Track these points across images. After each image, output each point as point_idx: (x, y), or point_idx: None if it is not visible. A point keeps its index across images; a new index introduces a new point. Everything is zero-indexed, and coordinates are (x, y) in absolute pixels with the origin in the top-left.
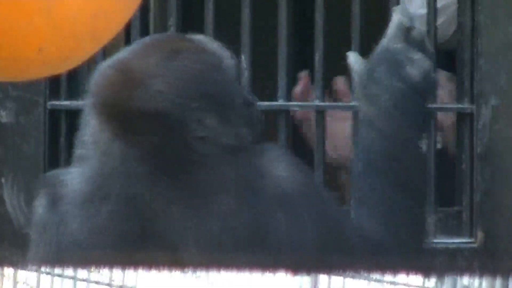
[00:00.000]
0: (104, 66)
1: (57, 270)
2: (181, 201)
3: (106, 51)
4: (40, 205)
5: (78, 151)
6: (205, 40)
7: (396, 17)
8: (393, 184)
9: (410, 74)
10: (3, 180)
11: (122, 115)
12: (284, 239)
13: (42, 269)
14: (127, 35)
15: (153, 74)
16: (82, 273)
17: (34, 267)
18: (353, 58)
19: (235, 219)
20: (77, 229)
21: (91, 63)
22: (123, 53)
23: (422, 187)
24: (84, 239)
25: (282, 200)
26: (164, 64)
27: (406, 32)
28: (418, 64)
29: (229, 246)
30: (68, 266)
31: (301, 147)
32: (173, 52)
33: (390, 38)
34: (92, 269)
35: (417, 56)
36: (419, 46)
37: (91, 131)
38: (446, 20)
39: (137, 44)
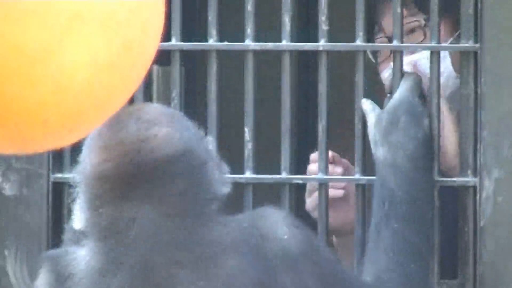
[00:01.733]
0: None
1: None
2: (191, 264)
3: None
4: (44, 283)
5: (75, 231)
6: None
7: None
8: (414, 230)
9: (427, 126)
10: (6, 252)
11: (136, 175)
12: None
13: None
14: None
15: (146, 129)
16: None
17: None
18: (368, 105)
19: (239, 280)
20: None
21: None
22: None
23: (434, 242)
24: None
25: (286, 262)
26: (151, 121)
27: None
28: (428, 119)
29: None
30: None
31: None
32: (144, 113)
33: (407, 90)
34: None
35: (427, 112)
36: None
37: (89, 207)
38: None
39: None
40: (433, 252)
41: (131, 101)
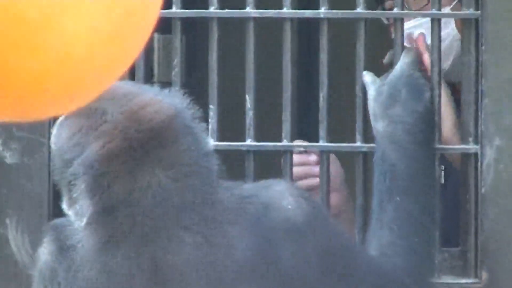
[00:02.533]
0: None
1: None
2: (195, 228)
3: None
4: (47, 252)
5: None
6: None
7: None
8: (417, 203)
9: (428, 100)
10: (7, 220)
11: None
12: (289, 271)
13: None
14: (131, 76)
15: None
16: None
17: None
18: (369, 78)
19: (239, 249)
20: (94, 276)
21: None
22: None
23: (436, 213)
24: (102, 285)
25: (289, 233)
26: (129, 95)
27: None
28: (429, 93)
29: (234, 275)
30: None
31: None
32: (117, 90)
33: (407, 64)
34: None
35: (428, 85)
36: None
37: (95, 190)
38: (443, 51)
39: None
40: (436, 221)
41: (132, 69)
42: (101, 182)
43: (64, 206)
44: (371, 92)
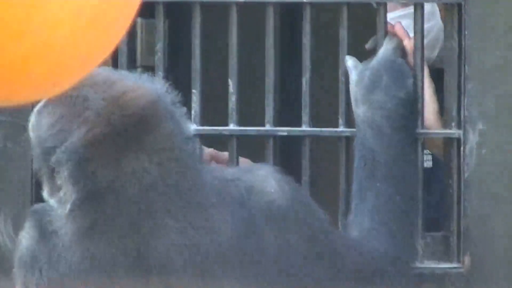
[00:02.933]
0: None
1: None
2: (179, 212)
3: None
4: (27, 237)
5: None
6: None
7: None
8: (397, 190)
9: (410, 86)
10: None
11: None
12: (272, 254)
13: None
14: (114, 61)
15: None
16: None
17: None
18: (351, 63)
19: (222, 233)
20: (77, 261)
21: None
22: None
23: (418, 199)
24: (85, 270)
25: (272, 215)
26: (107, 82)
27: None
28: (413, 80)
29: (217, 259)
30: None
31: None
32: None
33: (390, 50)
34: None
35: (411, 72)
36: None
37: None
38: (429, 43)
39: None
40: (417, 206)
41: (115, 53)
42: (86, 168)
43: (45, 195)
44: (353, 77)
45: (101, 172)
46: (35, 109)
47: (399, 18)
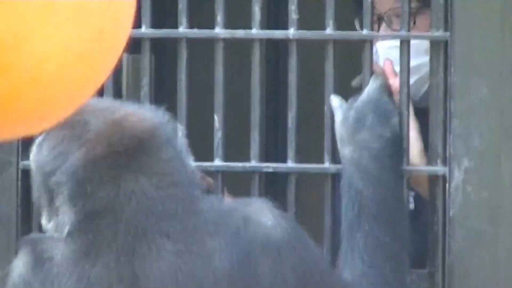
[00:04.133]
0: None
1: None
2: (177, 236)
3: None
4: (21, 265)
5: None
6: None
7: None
8: (386, 230)
9: (396, 125)
10: None
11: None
12: (266, 286)
13: None
14: (100, 95)
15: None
16: None
17: None
18: (336, 102)
19: (218, 261)
20: (72, 286)
21: None
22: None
23: (406, 240)
24: None
25: (267, 249)
26: (111, 109)
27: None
28: (398, 118)
29: (211, 286)
30: None
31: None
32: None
33: (376, 89)
34: None
35: (396, 110)
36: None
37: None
38: (420, 79)
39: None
40: (405, 245)
41: (101, 89)
42: (85, 188)
43: (43, 221)
44: (338, 117)
45: (100, 192)
46: (36, 141)
47: (389, 49)
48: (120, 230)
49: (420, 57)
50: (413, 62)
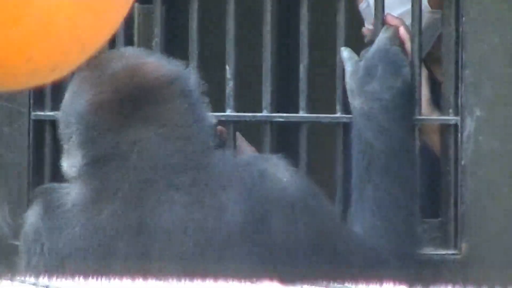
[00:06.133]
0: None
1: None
2: (187, 189)
3: None
4: (33, 214)
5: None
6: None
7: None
8: (396, 182)
9: (406, 75)
10: None
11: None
12: (278, 241)
13: (37, 279)
14: (111, 47)
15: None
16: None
17: (28, 277)
18: (346, 54)
19: (231, 213)
20: (78, 233)
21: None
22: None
23: (416, 189)
24: (85, 242)
25: (282, 205)
26: (132, 58)
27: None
28: (409, 67)
29: (222, 240)
30: (64, 275)
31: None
32: (123, 55)
33: (385, 40)
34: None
35: (407, 59)
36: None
37: (86, 140)
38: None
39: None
40: (416, 196)
41: (113, 39)
42: (91, 132)
43: (62, 163)
44: (348, 69)
45: (104, 138)
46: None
47: (401, 15)
48: (126, 179)
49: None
50: (403, 8)
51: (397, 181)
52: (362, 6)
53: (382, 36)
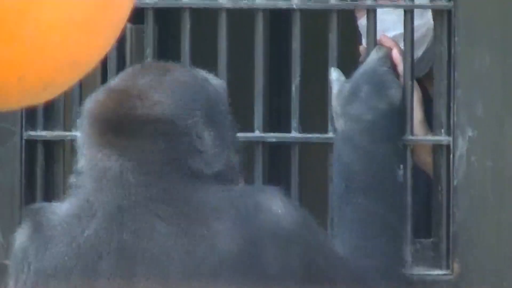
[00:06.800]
0: (100, 89)
1: None
2: (170, 218)
3: (83, 82)
4: (21, 233)
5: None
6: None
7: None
8: (377, 202)
9: (393, 96)
10: None
11: (123, 126)
12: (270, 273)
13: None
14: (103, 66)
15: (150, 87)
16: None
17: None
18: (335, 75)
19: (223, 244)
20: (62, 252)
21: (68, 94)
22: (116, 77)
23: (401, 211)
24: (69, 262)
25: (275, 237)
26: (159, 79)
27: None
28: (399, 89)
29: (212, 271)
30: None
31: (276, 178)
32: (164, 70)
33: (374, 60)
34: None
35: (397, 81)
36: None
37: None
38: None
39: (127, 70)
40: (406, 212)
41: (105, 59)
42: (82, 147)
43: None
44: (334, 90)
45: (90, 155)
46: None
47: (395, 37)
48: (107, 201)
49: (417, 18)
50: (398, 30)
51: (380, 202)
52: (361, 22)
53: (373, 57)
